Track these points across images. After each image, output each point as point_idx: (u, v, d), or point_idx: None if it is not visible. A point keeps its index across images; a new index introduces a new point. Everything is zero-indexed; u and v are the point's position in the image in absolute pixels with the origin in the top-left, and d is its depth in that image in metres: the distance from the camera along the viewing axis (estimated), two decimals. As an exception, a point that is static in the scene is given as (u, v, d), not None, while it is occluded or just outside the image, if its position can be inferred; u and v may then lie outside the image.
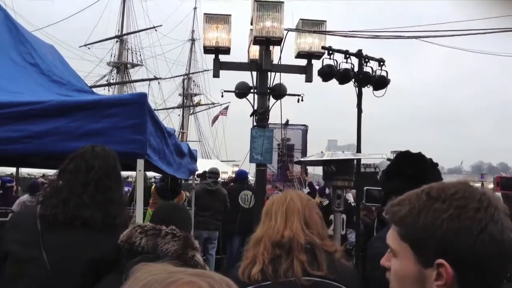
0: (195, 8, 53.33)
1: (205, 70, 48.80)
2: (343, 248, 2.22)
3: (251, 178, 10.55)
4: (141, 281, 0.69)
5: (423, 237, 0.99)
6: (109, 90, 38.72)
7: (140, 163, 2.97)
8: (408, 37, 5.94)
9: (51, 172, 8.82)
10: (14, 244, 2.08)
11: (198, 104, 51.98)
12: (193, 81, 52.76)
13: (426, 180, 2.14)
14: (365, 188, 4.90)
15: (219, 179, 8.37)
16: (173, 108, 48.91)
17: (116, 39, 43.55)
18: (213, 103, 48.46)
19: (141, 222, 2.84)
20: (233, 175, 16.34)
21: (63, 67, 4.47)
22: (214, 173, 8.21)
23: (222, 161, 32.63)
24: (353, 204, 6.89)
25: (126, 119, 2.91)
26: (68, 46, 32.98)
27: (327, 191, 9.11)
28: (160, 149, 3.51)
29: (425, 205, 1.01)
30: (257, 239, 2.01)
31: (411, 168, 2.25)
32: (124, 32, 43.75)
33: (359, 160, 6.66)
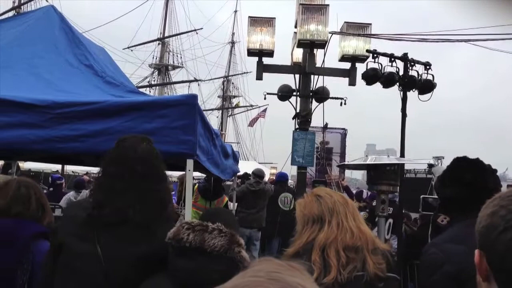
0: (235, 11, 53.97)
1: (244, 73, 49.35)
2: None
3: (290, 181, 10.52)
4: (233, 281, 0.67)
5: (477, 229, 1.04)
6: (150, 91, 39.49)
7: (190, 163, 3.02)
8: (457, 41, 5.77)
9: (95, 170, 9.06)
10: (69, 237, 2.07)
11: (237, 106, 52.41)
12: (232, 83, 53.29)
13: (484, 186, 2.08)
14: (421, 196, 4.76)
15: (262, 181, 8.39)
16: (212, 109, 49.51)
17: (158, 42, 44.47)
18: (251, 105, 48.85)
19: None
20: (272, 177, 16.35)
21: (113, 68, 4.58)
22: (257, 175, 8.26)
23: (259, 163, 32.68)
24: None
25: (177, 119, 2.97)
26: (112, 48, 33.88)
27: (364, 195, 8.97)
28: (208, 150, 3.55)
29: (490, 202, 1.04)
30: (324, 243, 1.93)
31: (469, 174, 2.17)
32: (166, 34, 44.61)
33: (402, 165, 6.52)
